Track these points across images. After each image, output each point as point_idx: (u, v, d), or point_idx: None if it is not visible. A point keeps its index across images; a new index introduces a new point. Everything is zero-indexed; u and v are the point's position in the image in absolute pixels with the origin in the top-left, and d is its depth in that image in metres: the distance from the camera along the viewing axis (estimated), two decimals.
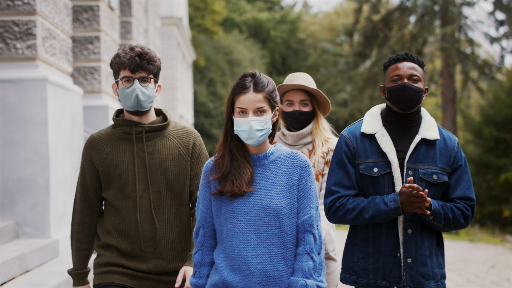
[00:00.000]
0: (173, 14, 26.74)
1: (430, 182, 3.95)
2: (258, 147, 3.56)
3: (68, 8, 9.26)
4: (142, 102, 3.99)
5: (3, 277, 6.00)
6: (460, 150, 4.09)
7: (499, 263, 13.04)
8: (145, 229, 4.02)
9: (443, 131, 4.11)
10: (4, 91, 7.66)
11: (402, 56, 4.03)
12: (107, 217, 4.11)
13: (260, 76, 3.56)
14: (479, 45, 27.80)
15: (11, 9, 7.95)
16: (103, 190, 4.09)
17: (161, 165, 4.04)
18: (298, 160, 3.55)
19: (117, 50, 4.14)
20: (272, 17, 48.46)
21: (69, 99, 8.65)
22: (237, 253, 3.43)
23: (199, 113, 37.34)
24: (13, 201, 7.60)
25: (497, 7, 24.88)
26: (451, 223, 3.97)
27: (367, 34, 27.19)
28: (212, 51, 39.16)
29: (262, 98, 3.50)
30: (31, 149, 7.65)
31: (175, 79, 25.94)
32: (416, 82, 3.97)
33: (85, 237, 4.14)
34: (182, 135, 4.14)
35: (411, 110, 4.00)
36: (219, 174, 3.52)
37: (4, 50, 7.95)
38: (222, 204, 3.51)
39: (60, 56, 8.80)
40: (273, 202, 3.44)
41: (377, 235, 3.97)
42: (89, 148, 4.10)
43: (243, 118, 3.49)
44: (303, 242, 3.47)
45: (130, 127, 4.05)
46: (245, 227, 3.44)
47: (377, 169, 3.97)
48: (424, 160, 3.97)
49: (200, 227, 3.59)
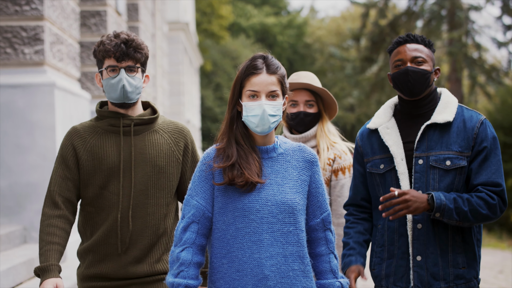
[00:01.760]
0: (180, 19, 26.77)
1: (444, 169, 3.54)
2: (265, 138, 3.24)
3: (76, 13, 9.28)
4: (129, 94, 3.67)
5: (11, 282, 6.01)
6: (485, 130, 3.59)
7: (507, 268, 12.98)
8: (124, 229, 3.68)
9: (467, 111, 3.66)
10: (12, 96, 7.67)
11: (404, 38, 3.67)
12: (86, 217, 3.74)
13: (272, 58, 3.28)
14: (486, 49, 27.72)
15: (19, 15, 7.97)
16: (83, 187, 3.73)
17: (152, 161, 3.72)
18: (309, 153, 3.29)
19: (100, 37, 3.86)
20: (279, 22, 48.46)
21: (76, 104, 8.66)
22: (248, 256, 3.11)
23: (206, 117, 37.37)
24: (21, 206, 7.61)
25: (505, 12, 24.84)
26: (470, 217, 3.48)
27: (374, 38, 27.16)
28: (219, 56, 39.21)
29: (275, 81, 3.20)
30: (39, 154, 7.66)
31: (182, 84, 25.96)
32: (421, 64, 3.60)
33: (58, 230, 3.65)
34: (173, 130, 3.83)
35: (419, 96, 3.64)
36: (226, 162, 3.17)
37: (12, 55, 7.97)
38: (228, 201, 3.16)
39: (67, 61, 8.82)
40: (288, 198, 3.15)
41: (391, 238, 3.64)
42: (71, 137, 3.75)
43: (254, 102, 3.17)
44: (324, 241, 3.27)
45: (117, 119, 3.73)
46: (257, 226, 3.12)
47: (383, 165, 3.66)
48: (436, 146, 3.57)
49: (192, 222, 3.19)
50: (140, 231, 3.69)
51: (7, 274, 5.92)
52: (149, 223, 3.70)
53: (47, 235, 3.62)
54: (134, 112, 3.77)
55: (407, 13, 26.68)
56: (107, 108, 3.81)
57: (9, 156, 7.61)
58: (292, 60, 47.40)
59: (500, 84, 25.37)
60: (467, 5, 25.38)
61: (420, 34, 3.67)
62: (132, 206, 3.68)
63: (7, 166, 7.60)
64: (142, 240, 3.69)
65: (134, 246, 3.69)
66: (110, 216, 3.68)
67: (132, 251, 3.69)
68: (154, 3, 18.09)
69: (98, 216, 3.71)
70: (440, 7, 25.61)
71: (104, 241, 3.69)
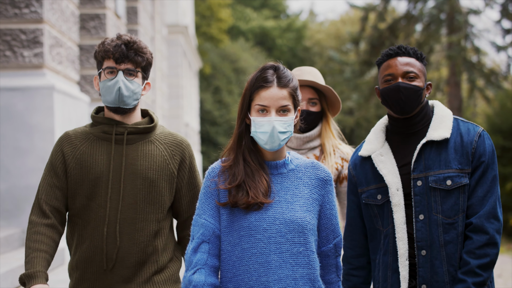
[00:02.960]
0: (179, 22, 26.77)
1: (445, 190, 3.27)
2: (275, 153, 3.02)
3: (75, 16, 9.29)
4: (125, 98, 3.42)
5: (10, 284, 6.01)
6: (483, 143, 3.34)
7: (506, 272, 12.98)
8: (110, 245, 3.42)
9: (463, 125, 3.39)
10: (11, 99, 7.68)
11: (395, 50, 3.38)
12: (73, 230, 3.51)
13: (284, 69, 3.03)
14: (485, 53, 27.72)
15: (18, 17, 7.98)
16: (70, 197, 3.49)
17: (142, 174, 3.45)
18: (322, 171, 3.06)
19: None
20: (278, 25, 48.48)
21: (75, 107, 8.66)
22: (255, 279, 2.87)
23: (205, 121, 37.35)
24: (19, 209, 7.61)
25: (504, 16, 24.84)
26: (489, 271, 3.22)
27: (373, 42, 27.15)
28: (218, 59, 39.19)
29: (287, 95, 2.96)
30: (38, 157, 7.66)
31: (181, 87, 25.96)
32: (413, 80, 3.32)
33: (46, 238, 3.41)
34: (170, 142, 3.56)
35: (411, 114, 3.37)
36: (233, 183, 2.95)
37: (11, 58, 7.97)
38: (234, 220, 2.94)
39: (67, 64, 8.82)
40: (297, 216, 2.92)
41: (384, 274, 3.37)
42: (62, 144, 3.52)
43: (264, 118, 2.94)
44: (335, 268, 3.08)
45: (110, 126, 3.49)
46: (264, 246, 2.88)
47: (380, 196, 3.37)
48: (435, 164, 3.29)
49: (202, 242, 2.95)
50: (127, 248, 3.42)
51: (6, 277, 5.92)
52: (137, 239, 3.43)
53: (34, 242, 3.39)
54: (130, 119, 3.54)
55: (406, 16, 26.67)
56: (103, 114, 3.59)
57: (8, 159, 7.61)
58: (291, 63, 47.37)
59: (499, 88, 25.37)
60: (466, 9, 25.39)
61: (419, 38, 3.48)
62: (120, 221, 3.42)
63: (6, 169, 7.60)
64: (129, 258, 3.43)
65: (121, 264, 3.43)
66: (96, 230, 3.43)
67: (119, 269, 3.43)
68: (153, 6, 18.10)
69: (84, 229, 3.46)
70: (439, 11, 25.60)
71: (90, 257, 3.44)
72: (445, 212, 3.28)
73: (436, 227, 3.27)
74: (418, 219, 3.29)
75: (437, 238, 3.27)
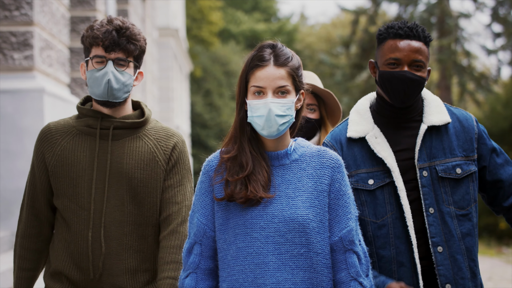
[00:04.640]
0: (170, 25, 26.75)
1: (455, 179, 3.04)
2: (276, 142, 2.73)
3: (66, 19, 9.26)
4: (115, 91, 3.08)
5: None
6: (482, 128, 3.21)
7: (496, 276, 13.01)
8: (96, 251, 3.11)
9: (455, 110, 3.19)
10: (1, 101, 7.65)
11: (406, 32, 3.03)
12: (58, 233, 3.20)
13: (283, 47, 2.85)
14: (475, 57, 27.84)
15: (8, 20, 7.95)
16: (54, 197, 3.19)
17: (128, 173, 3.12)
18: (328, 158, 2.75)
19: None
20: (269, 29, 48.48)
21: (66, 110, 8.63)
22: (251, 281, 2.63)
23: (195, 124, 37.31)
24: (10, 212, 7.58)
25: (494, 19, 24.93)
26: None
27: (364, 45, 27.20)
28: (208, 62, 39.16)
29: (285, 75, 2.71)
30: (28, 160, 7.62)
31: (172, 90, 25.94)
32: (419, 70, 3.04)
33: (30, 253, 3.24)
34: (162, 137, 3.22)
35: (409, 104, 3.10)
36: (242, 173, 2.67)
37: (1, 61, 7.94)
38: (229, 216, 2.70)
39: (57, 67, 8.79)
40: (298, 214, 2.64)
41: (389, 269, 3.07)
42: (41, 140, 3.20)
43: (259, 100, 2.67)
44: (345, 265, 2.70)
45: (95, 120, 3.15)
46: (261, 246, 2.63)
47: (372, 180, 3.06)
48: (439, 152, 3.06)
49: (195, 243, 2.77)
50: (115, 254, 3.12)
51: None
52: (126, 244, 3.13)
53: (19, 258, 3.26)
54: (119, 112, 3.20)
55: (397, 20, 26.72)
56: (91, 106, 3.25)
57: None
58: None
59: (489, 92, 25.47)
60: (456, 12, 25.47)
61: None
62: (105, 224, 3.11)
63: None
64: (118, 265, 3.13)
65: (110, 272, 3.13)
66: (80, 234, 3.13)
67: (108, 277, 3.14)
68: (144, 9, 18.08)
69: (68, 233, 3.16)
70: (430, 15, 25.68)
71: (74, 265, 3.15)
72: (457, 203, 3.07)
73: (451, 220, 3.04)
74: (429, 213, 3.05)
75: (454, 231, 3.03)
